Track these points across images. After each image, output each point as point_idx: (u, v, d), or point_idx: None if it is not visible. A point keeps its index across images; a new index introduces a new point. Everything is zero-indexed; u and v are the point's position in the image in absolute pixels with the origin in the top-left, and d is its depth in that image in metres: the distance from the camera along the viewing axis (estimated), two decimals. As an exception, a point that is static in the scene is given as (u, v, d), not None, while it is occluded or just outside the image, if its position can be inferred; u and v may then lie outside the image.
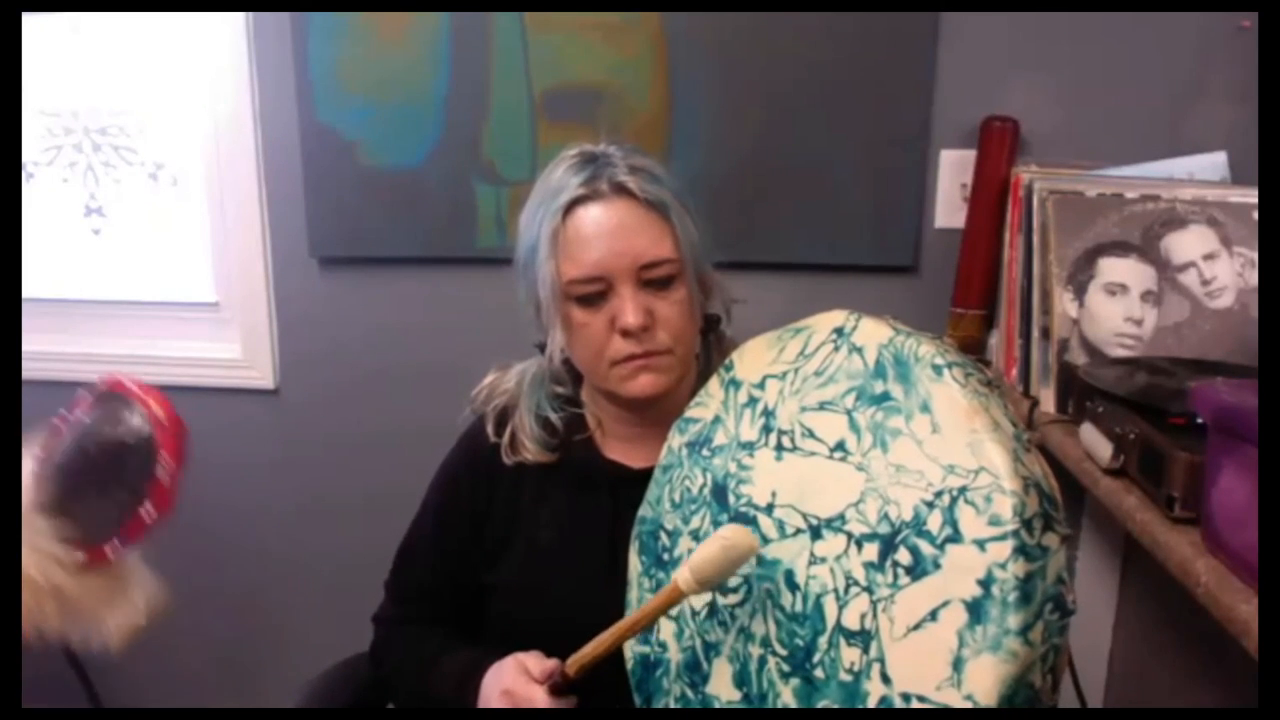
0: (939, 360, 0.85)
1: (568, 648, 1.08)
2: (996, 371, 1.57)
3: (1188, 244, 1.34)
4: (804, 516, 0.91)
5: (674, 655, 1.04)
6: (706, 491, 1.03)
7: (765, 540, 0.94)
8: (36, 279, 2.13)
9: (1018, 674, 0.74)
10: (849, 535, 0.86)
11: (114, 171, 2.11)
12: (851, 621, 0.84)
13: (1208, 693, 1.22)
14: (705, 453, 1.05)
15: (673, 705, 1.03)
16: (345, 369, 2.00)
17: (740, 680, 0.95)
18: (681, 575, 0.93)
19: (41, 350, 2.07)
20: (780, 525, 0.93)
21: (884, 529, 0.83)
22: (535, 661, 1.09)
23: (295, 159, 1.89)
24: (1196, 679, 1.25)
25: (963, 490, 0.78)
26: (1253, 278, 1.31)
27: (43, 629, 0.92)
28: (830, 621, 0.86)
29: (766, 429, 0.98)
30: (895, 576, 0.81)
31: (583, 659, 1.03)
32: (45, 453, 0.96)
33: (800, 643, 0.89)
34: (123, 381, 0.98)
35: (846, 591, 0.85)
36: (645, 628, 1.02)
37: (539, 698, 1.05)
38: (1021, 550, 0.74)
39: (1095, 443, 1.13)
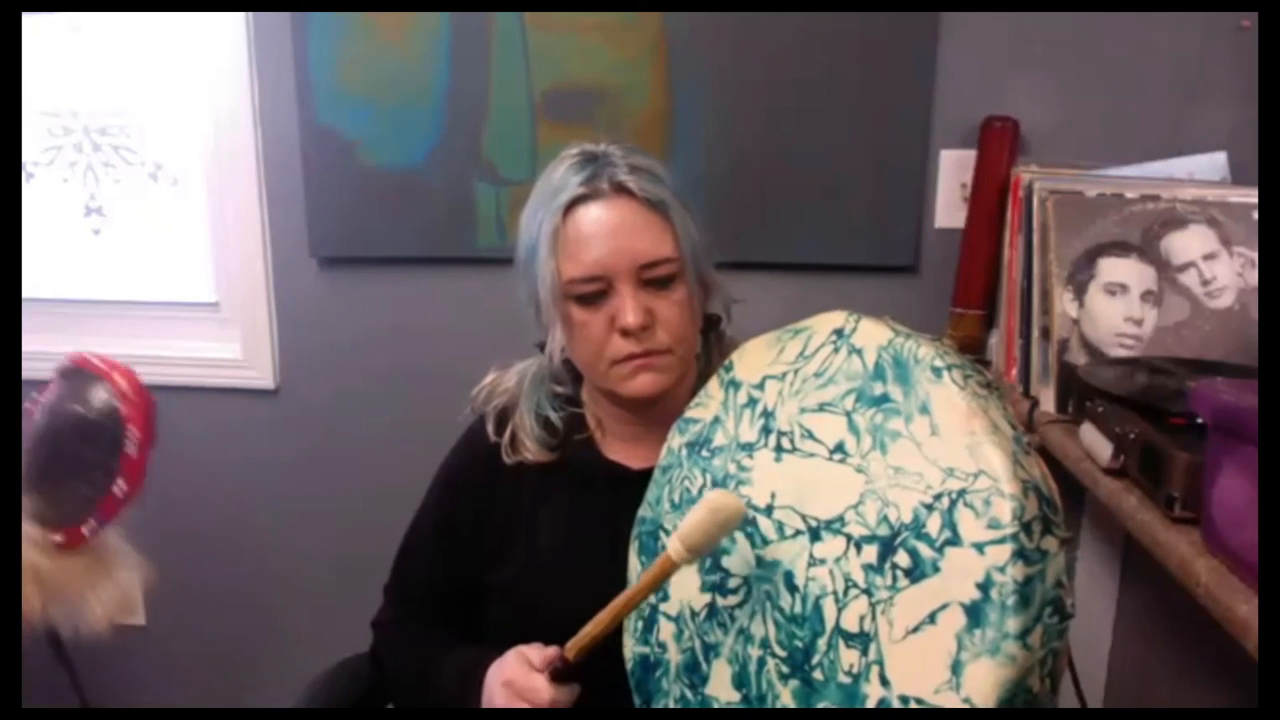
0: (938, 362, 0.85)
1: (568, 647, 1.08)
2: (996, 371, 1.57)
3: (1188, 244, 1.33)
4: (803, 518, 0.91)
5: (673, 656, 1.04)
6: (706, 492, 1.02)
7: (765, 541, 0.94)
8: (36, 279, 2.13)
9: (1016, 678, 0.74)
10: (848, 537, 0.86)
11: (114, 171, 2.11)
12: (850, 623, 0.84)
13: (1208, 693, 1.21)
14: (705, 453, 1.05)
15: (672, 706, 1.03)
16: (345, 369, 2.00)
17: (739, 681, 0.95)
18: (672, 545, 0.93)
19: (41, 350, 2.06)
20: (779, 527, 0.93)
21: (883, 531, 0.83)
22: (535, 652, 1.08)
23: (295, 159, 1.89)
24: (1196, 679, 1.25)
25: (962, 493, 0.78)
26: (1253, 278, 1.31)
27: (27, 614, 0.91)
28: (829, 623, 0.86)
29: (766, 430, 0.98)
30: (894, 579, 0.81)
31: (580, 641, 1.03)
32: (32, 444, 0.95)
33: (799, 644, 0.89)
34: (87, 358, 0.98)
35: (845, 593, 0.85)
36: (639, 603, 1.02)
37: (540, 685, 1.04)
38: (1020, 554, 0.74)
39: (1095, 443, 1.13)
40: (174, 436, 2.11)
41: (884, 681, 0.80)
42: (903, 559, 0.81)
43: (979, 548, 0.76)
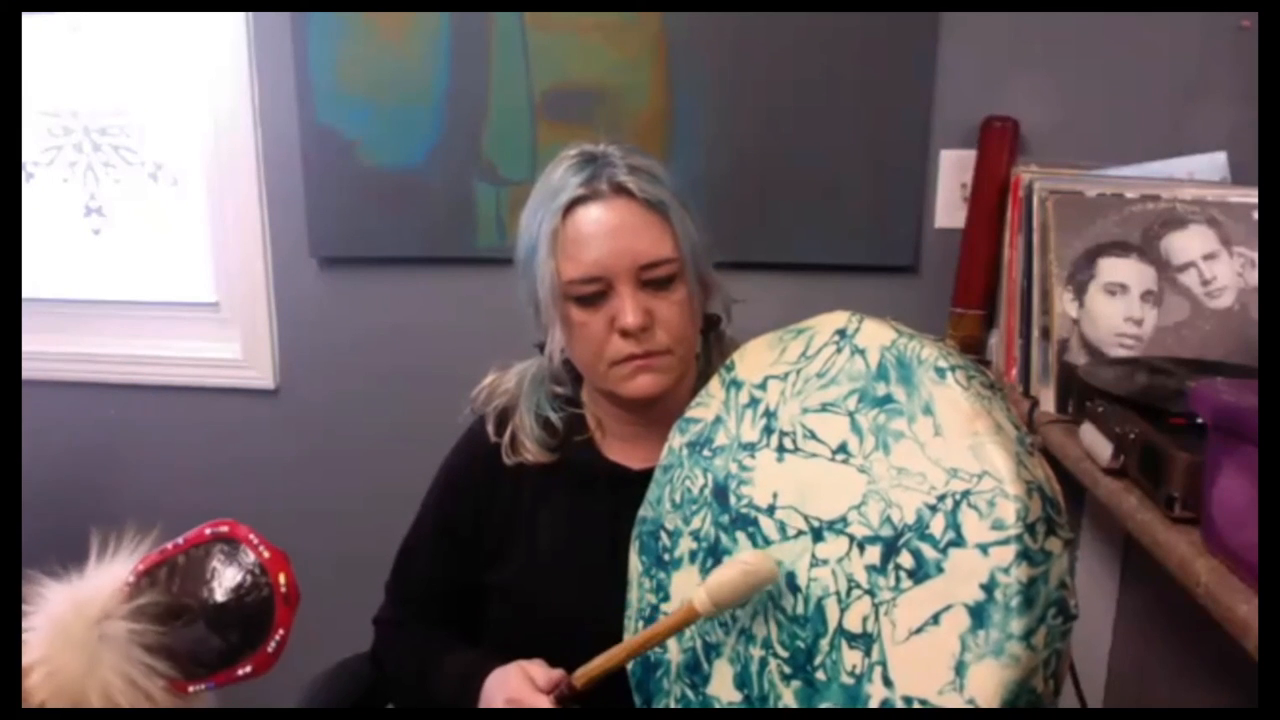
0: (942, 363, 0.85)
1: (568, 649, 1.08)
2: (997, 371, 1.57)
3: (1188, 244, 1.34)
4: (805, 518, 0.91)
5: (674, 656, 1.04)
6: (707, 492, 1.03)
7: (767, 542, 0.94)
8: (36, 279, 2.13)
9: (1020, 679, 0.74)
10: (851, 538, 0.86)
11: (114, 171, 2.11)
12: (853, 624, 0.84)
13: (1208, 693, 1.21)
14: (706, 453, 1.05)
15: (673, 706, 1.03)
16: (345, 369, 2.00)
17: (741, 682, 0.95)
18: (699, 598, 0.94)
19: (41, 350, 2.07)
20: (782, 527, 0.93)
21: (886, 532, 0.83)
22: (540, 670, 1.08)
23: (295, 159, 1.89)
24: (1196, 679, 1.25)
25: (965, 494, 0.78)
26: (1253, 278, 1.31)
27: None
28: (832, 624, 0.86)
29: (768, 430, 0.98)
30: (897, 579, 0.81)
31: (590, 672, 1.03)
32: (146, 568, 0.95)
33: (802, 645, 0.89)
34: (254, 541, 0.98)
35: (848, 594, 0.85)
36: (655, 645, 1.02)
37: (543, 706, 1.05)
38: (1024, 555, 0.74)
39: (1095, 443, 1.13)
40: (174, 436, 2.12)
41: (887, 682, 0.80)
42: (906, 560, 0.81)
43: (983, 549, 0.76)
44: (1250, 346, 1.28)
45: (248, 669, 0.94)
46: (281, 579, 0.94)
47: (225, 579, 0.95)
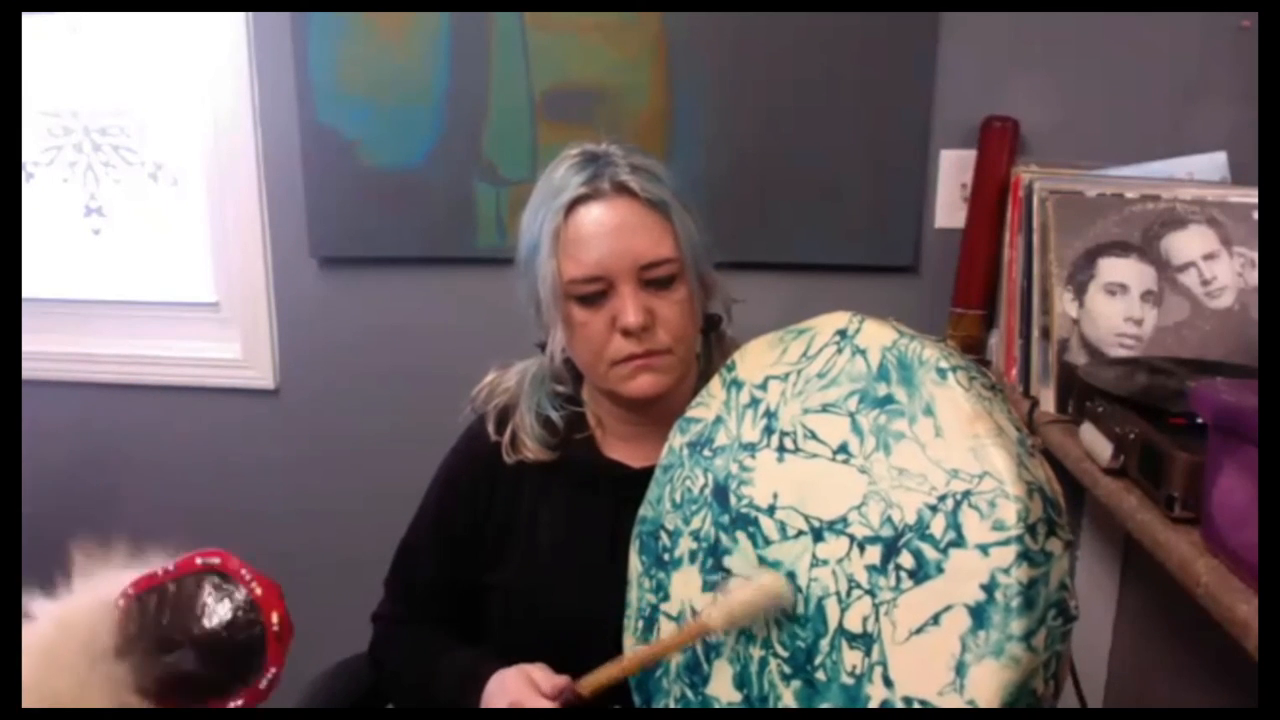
0: (943, 364, 0.85)
1: (569, 647, 1.08)
2: (996, 371, 1.57)
3: (1188, 244, 1.34)
4: (806, 519, 0.91)
5: (674, 656, 1.04)
6: (708, 492, 1.03)
7: (767, 542, 0.94)
8: (36, 279, 2.13)
9: (1020, 680, 0.74)
10: (851, 538, 0.86)
11: (114, 171, 2.11)
12: (853, 624, 0.84)
13: (1208, 693, 1.22)
14: (707, 453, 1.05)
15: (673, 706, 1.03)
16: (345, 369, 2.00)
17: (741, 682, 0.95)
18: (712, 617, 0.93)
19: (41, 350, 2.07)
20: (782, 527, 0.93)
21: (886, 532, 0.83)
22: (543, 675, 1.08)
23: (295, 159, 1.89)
24: (1196, 679, 1.25)
25: (966, 495, 0.78)
26: (1253, 278, 1.31)
27: None
28: (832, 624, 0.86)
29: (768, 430, 0.98)
30: (898, 580, 0.81)
31: (598, 680, 1.03)
32: (137, 593, 0.94)
33: (802, 645, 0.89)
34: (246, 576, 0.96)
35: (848, 594, 0.85)
36: (664, 657, 1.02)
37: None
38: (1025, 556, 0.74)
39: (1095, 443, 1.13)
40: (174, 436, 2.12)
41: (887, 682, 0.80)
42: (906, 560, 0.81)
43: (983, 549, 0.76)
44: (1250, 346, 1.28)
45: (239, 703, 0.93)
46: (274, 617, 0.92)
47: (216, 614, 0.92)
